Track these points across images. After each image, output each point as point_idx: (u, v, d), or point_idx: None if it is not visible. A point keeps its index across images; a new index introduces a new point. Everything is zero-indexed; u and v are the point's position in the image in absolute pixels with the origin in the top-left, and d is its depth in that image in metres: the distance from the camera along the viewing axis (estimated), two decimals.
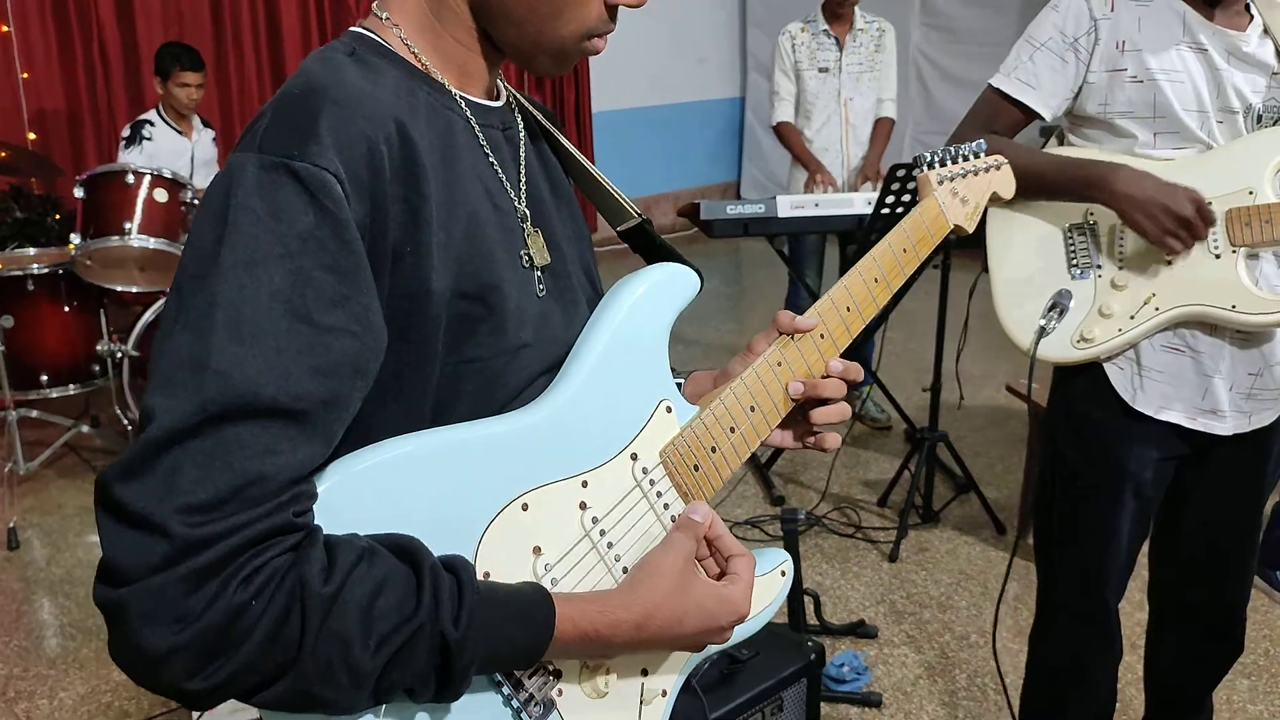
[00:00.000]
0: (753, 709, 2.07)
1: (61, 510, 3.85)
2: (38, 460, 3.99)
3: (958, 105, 7.21)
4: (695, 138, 8.09)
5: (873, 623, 3.06)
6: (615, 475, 0.91)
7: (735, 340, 5.62)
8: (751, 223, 3.61)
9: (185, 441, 0.70)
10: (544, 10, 0.87)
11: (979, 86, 5.12)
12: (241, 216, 0.74)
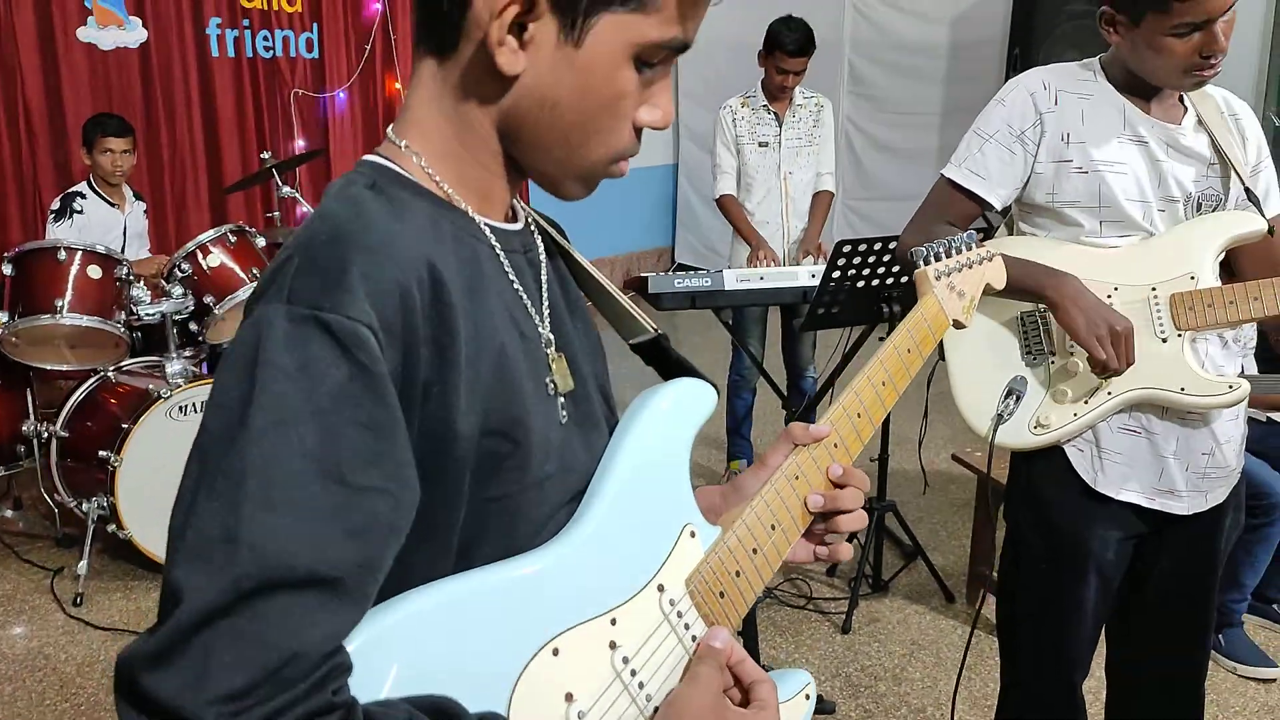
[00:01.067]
0: None
1: None
2: None
3: (887, 172, 7.42)
4: (630, 204, 8.15)
5: (830, 698, 3.05)
6: (643, 610, 0.90)
7: None
8: (699, 296, 3.64)
9: (217, 622, 0.67)
10: (576, 137, 0.86)
11: (906, 154, 5.31)
12: (270, 374, 0.72)
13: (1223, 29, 1.71)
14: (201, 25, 5.75)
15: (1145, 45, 1.75)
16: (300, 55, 6.18)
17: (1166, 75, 1.78)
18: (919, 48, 7.02)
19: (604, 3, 0.81)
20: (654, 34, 0.84)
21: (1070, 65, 1.93)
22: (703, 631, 0.95)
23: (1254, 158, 1.92)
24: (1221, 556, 2.00)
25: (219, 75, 5.85)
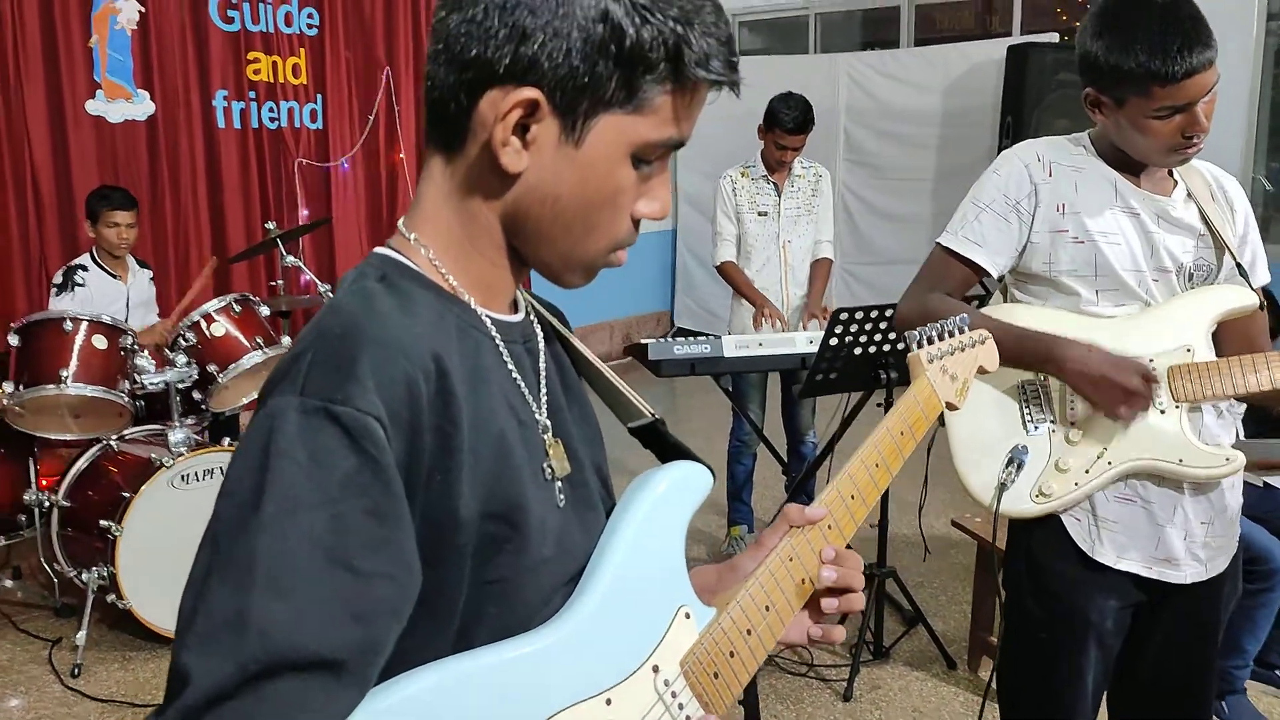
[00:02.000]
0: None
1: None
2: None
3: (883, 237, 7.50)
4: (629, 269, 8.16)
5: None
6: (638, 690, 0.91)
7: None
8: (698, 362, 3.67)
9: (224, 704, 0.69)
10: (577, 230, 0.90)
11: (902, 219, 5.40)
12: (283, 464, 0.75)
13: (1203, 110, 1.75)
14: (208, 97, 5.87)
15: (1129, 126, 1.80)
16: (305, 126, 6.28)
17: (1150, 154, 1.82)
18: (913, 116, 7.13)
19: (603, 105, 0.85)
20: (651, 134, 0.88)
21: (1061, 139, 1.98)
22: (697, 712, 0.96)
23: (1241, 228, 1.96)
24: (1221, 625, 2.01)
25: (225, 146, 5.95)
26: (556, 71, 0.84)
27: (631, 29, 0.83)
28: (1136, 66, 1.73)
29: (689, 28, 0.85)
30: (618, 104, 0.86)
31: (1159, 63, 1.71)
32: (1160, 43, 1.71)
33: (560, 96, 0.85)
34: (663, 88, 0.87)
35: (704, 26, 0.86)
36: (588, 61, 0.84)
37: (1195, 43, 1.71)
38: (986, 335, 1.43)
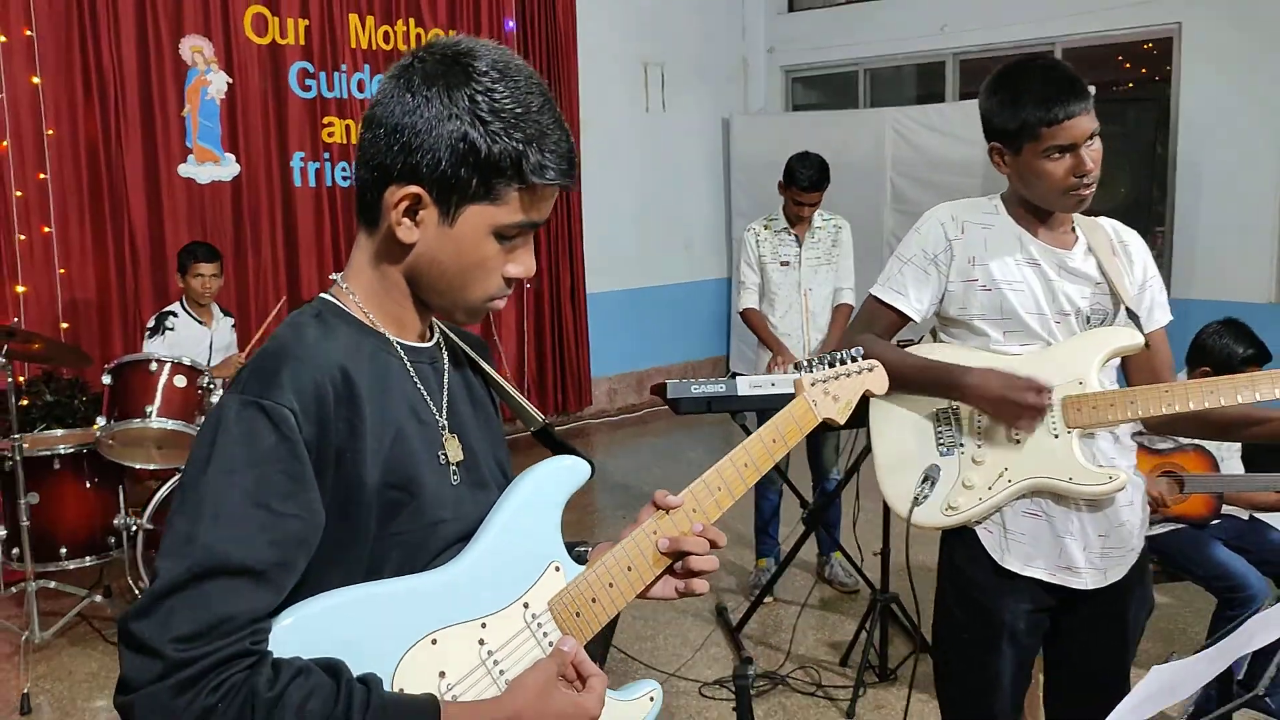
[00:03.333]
0: None
1: (72, 677, 4.09)
2: (51, 630, 4.25)
3: None
4: (687, 317, 8.56)
5: None
6: (509, 619, 1.23)
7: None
8: (714, 400, 3.98)
9: (177, 593, 1.03)
10: (456, 285, 1.24)
11: None
12: (224, 439, 1.09)
13: (1089, 154, 2.04)
14: (286, 159, 6.40)
15: (1027, 170, 2.09)
16: None
17: (1049, 196, 2.11)
18: (955, 166, 7.36)
19: (468, 199, 1.19)
20: (506, 219, 1.21)
21: (977, 199, 2.27)
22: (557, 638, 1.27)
23: (1140, 277, 2.22)
24: (1132, 632, 2.23)
25: (301, 203, 6.47)
26: (431, 174, 1.17)
27: (484, 146, 1.16)
28: (1026, 116, 2.03)
29: (529, 146, 1.18)
30: (479, 198, 1.19)
31: (1043, 110, 2.02)
32: (1043, 95, 2.03)
33: (436, 192, 1.19)
34: (512, 186, 1.19)
35: (545, 145, 1.19)
36: (454, 168, 1.17)
37: (1071, 95, 2.03)
38: (875, 364, 1.70)
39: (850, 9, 8.43)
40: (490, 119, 1.16)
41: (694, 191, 8.56)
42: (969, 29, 7.63)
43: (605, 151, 7.82)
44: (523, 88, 1.19)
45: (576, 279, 7.73)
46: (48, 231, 5.61)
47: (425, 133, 1.16)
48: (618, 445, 7.64)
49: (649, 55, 8.17)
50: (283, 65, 6.33)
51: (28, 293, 5.55)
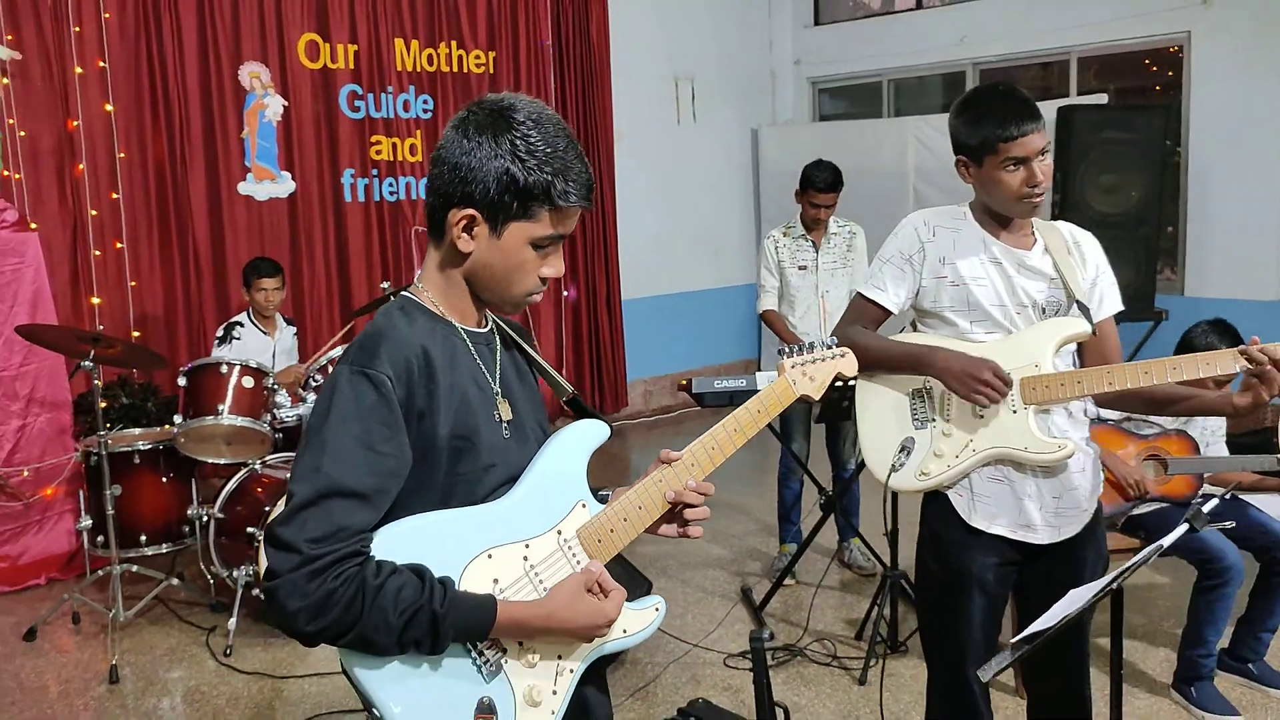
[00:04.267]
0: None
1: (152, 651, 4.50)
2: (134, 610, 4.66)
3: None
4: (717, 320, 8.90)
5: None
6: (546, 542, 1.59)
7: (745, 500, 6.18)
8: (735, 394, 4.32)
9: (309, 508, 1.40)
10: (503, 284, 1.60)
11: None
12: (339, 398, 1.46)
13: (1039, 167, 2.38)
14: (338, 176, 6.83)
15: (987, 180, 2.43)
16: (421, 198, 7.18)
17: (1006, 202, 2.44)
18: None
19: (510, 217, 1.55)
20: (539, 233, 1.57)
21: (948, 207, 2.60)
22: (585, 558, 1.63)
23: (1092, 274, 2.54)
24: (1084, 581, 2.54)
25: (351, 217, 6.89)
26: (483, 200, 1.54)
27: (522, 177, 1.52)
28: (986, 133, 2.37)
29: (557, 177, 1.54)
30: (519, 217, 1.55)
31: (1000, 129, 2.36)
32: (1000, 115, 2.37)
33: (486, 213, 1.55)
34: (544, 208, 1.55)
35: (569, 176, 1.55)
36: (499, 195, 1.53)
37: (1025, 114, 2.37)
38: (847, 351, 2.04)
39: (874, 21, 8.75)
40: (526, 158, 1.52)
41: (724, 200, 8.91)
42: (988, 39, 7.93)
43: (638, 163, 8.19)
44: (551, 133, 1.55)
45: (612, 287, 8.10)
46: (120, 247, 6.06)
47: (477, 169, 1.53)
48: (652, 444, 7.98)
49: (679, 70, 8.54)
50: (334, 88, 6.76)
51: (103, 304, 6.01)
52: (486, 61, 7.40)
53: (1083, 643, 2.60)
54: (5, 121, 5.53)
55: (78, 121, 5.89)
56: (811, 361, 1.98)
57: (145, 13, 6.05)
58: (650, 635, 1.70)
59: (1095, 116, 6.61)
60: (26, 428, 5.33)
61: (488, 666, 1.51)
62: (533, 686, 1.54)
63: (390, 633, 1.41)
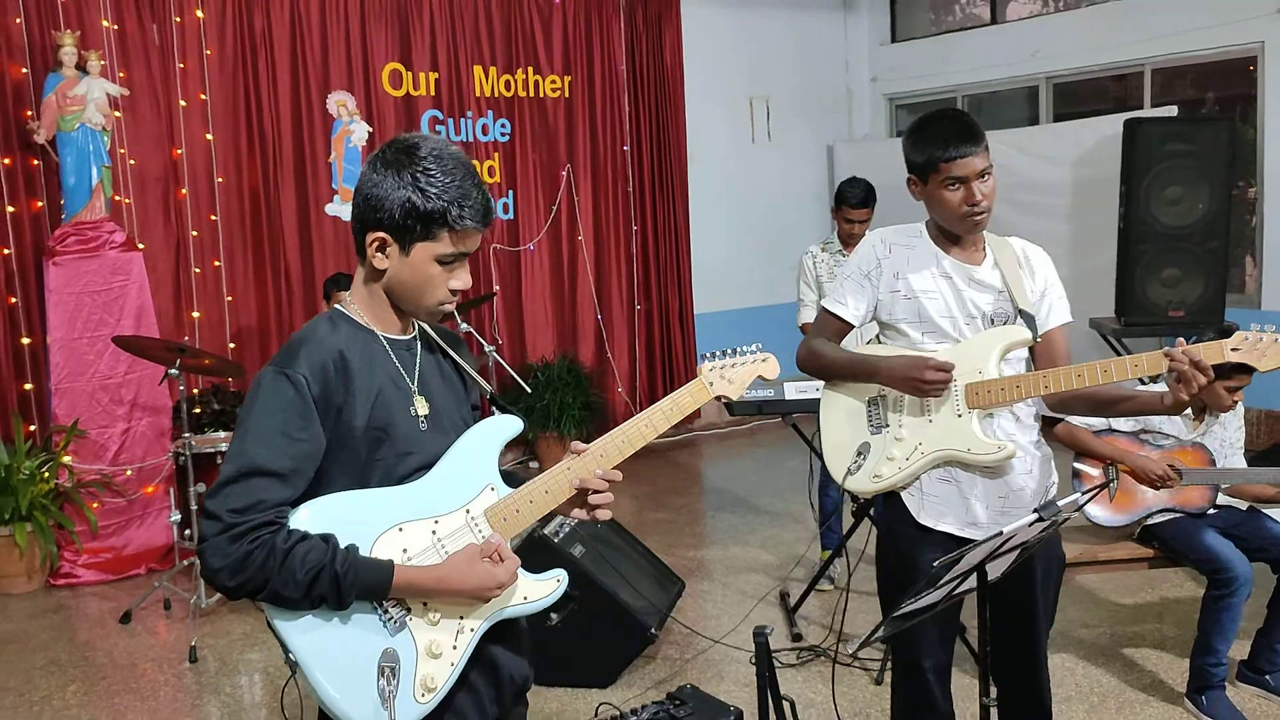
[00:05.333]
0: None
1: (229, 635, 4.90)
2: (214, 598, 5.09)
3: None
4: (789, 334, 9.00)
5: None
6: (454, 519, 1.84)
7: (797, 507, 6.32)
8: (765, 403, 4.52)
9: (231, 484, 1.68)
10: (414, 296, 1.86)
11: None
12: (263, 393, 1.74)
13: (980, 188, 2.53)
14: None
15: (932, 198, 2.60)
16: (499, 217, 7.55)
17: (949, 219, 2.60)
18: (1046, 187, 7.65)
19: (415, 238, 1.81)
20: (442, 250, 1.83)
21: (905, 226, 2.77)
22: (491, 534, 1.87)
23: (1041, 286, 2.68)
24: (1036, 583, 2.68)
25: None
26: (390, 225, 1.80)
27: (422, 204, 1.78)
28: (930, 154, 2.54)
29: (452, 204, 1.79)
30: (422, 238, 1.81)
31: (942, 150, 2.53)
32: (943, 136, 2.54)
33: (395, 235, 1.81)
34: (443, 229, 1.81)
35: (465, 202, 1.80)
36: (404, 220, 1.79)
37: (967, 138, 2.53)
38: (768, 356, 2.24)
39: (949, 37, 8.80)
40: (426, 188, 1.78)
41: (798, 216, 9.04)
42: (1060, 54, 7.92)
43: (711, 181, 8.42)
44: (449, 166, 1.81)
45: (684, 301, 8.34)
46: (218, 265, 6.57)
47: (385, 198, 1.80)
48: (723, 455, 8.18)
49: (754, 90, 8.74)
50: (415, 114, 7.18)
51: (202, 317, 6.52)
52: (562, 86, 7.73)
53: (1037, 644, 2.73)
54: (117, 151, 6.07)
55: (181, 150, 6.41)
56: (731, 365, 2.18)
57: (243, 48, 6.56)
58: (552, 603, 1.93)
59: (1161, 129, 6.57)
60: (130, 430, 5.85)
61: (392, 623, 1.77)
62: (434, 641, 1.78)
63: (298, 588, 1.67)
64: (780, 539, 5.87)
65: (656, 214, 8.17)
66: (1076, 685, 4.03)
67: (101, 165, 5.77)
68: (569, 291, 7.89)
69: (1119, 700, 3.88)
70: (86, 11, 6.01)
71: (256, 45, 6.60)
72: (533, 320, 7.73)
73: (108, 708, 4.25)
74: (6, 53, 5.85)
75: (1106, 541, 4.00)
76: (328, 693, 1.73)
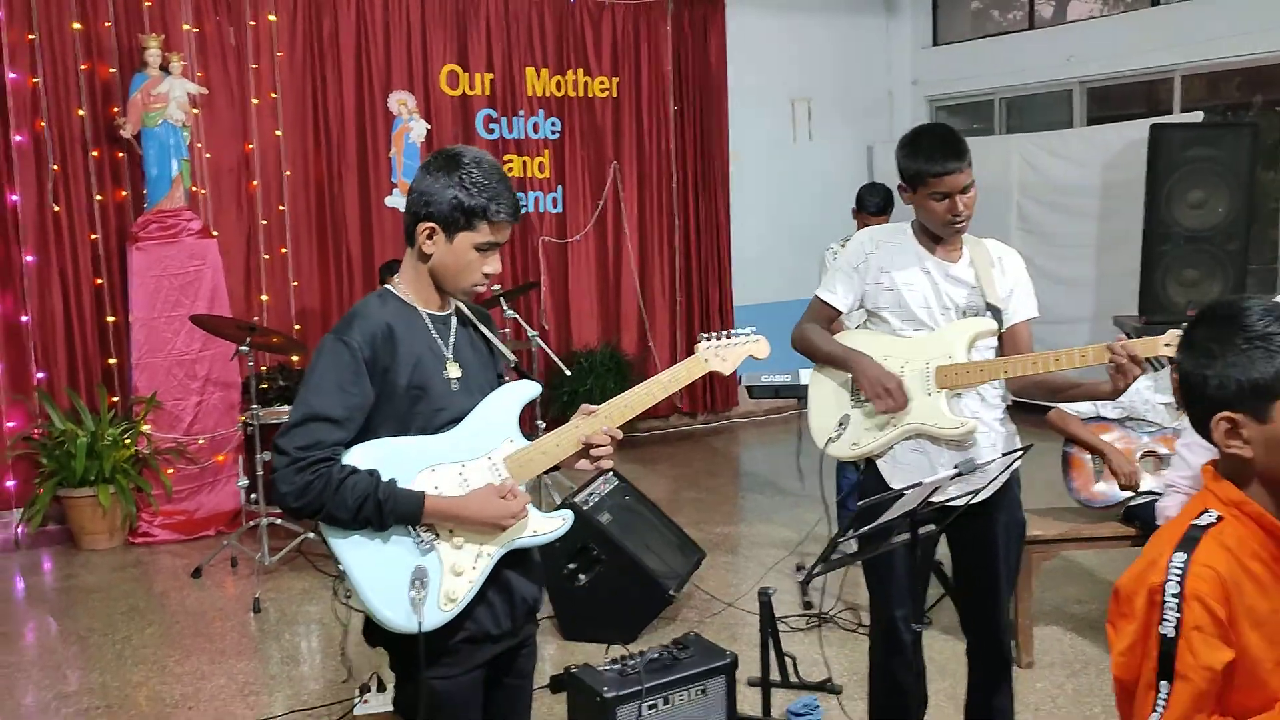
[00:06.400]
0: (684, 685, 3.23)
1: (290, 590, 5.37)
2: (277, 556, 5.56)
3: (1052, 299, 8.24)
4: None
5: (839, 684, 4.09)
6: (479, 464, 2.24)
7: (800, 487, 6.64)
8: (781, 388, 4.88)
9: (296, 428, 2.09)
10: (453, 277, 2.25)
11: (1069, 281, 6.83)
12: (324, 354, 2.15)
13: (962, 200, 2.86)
14: None
15: (920, 206, 2.94)
16: (548, 211, 7.97)
17: (935, 225, 2.94)
18: (1076, 189, 7.89)
19: (458, 229, 2.20)
20: (479, 240, 2.22)
21: (893, 224, 3.12)
22: (508, 478, 2.26)
23: (1011, 284, 3.01)
24: (999, 546, 3.01)
25: None
26: (438, 217, 2.19)
27: (465, 199, 2.17)
28: (919, 167, 2.88)
29: (491, 201, 2.18)
30: (464, 228, 2.20)
31: (929, 165, 2.86)
32: (931, 153, 2.87)
33: (442, 225, 2.20)
34: (483, 222, 2.20)
35: (499, 200, 2.19)
36: (451, 213, 2.18)
37: (952, 155, 2.86)
38: (760, 338, 2.60)
39: (988, 41, 9.05)
40: (470, 187, 2.18)
41: (838, 214, 9.25)
42: (1093, 59, 8.14)
43: (753, 179, 8.76)
44: (488, 170, 2.20)
45: (724, 294, 8.69)
46: (284, 252, 7.06)
47: (436, 194, 2.19)
48: (758, 442, 8.53)
49: (796, 92, 9.06)
50: (471, 112, 7.61)
51: (269, 300, 7.01)
52: (610, 86, 8.11)
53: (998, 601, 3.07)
54: (195, 145, 6.57)
55: (253, 145, 6.90)
56: (726, 345, 2.54)
57: (312, 51, 7.03)
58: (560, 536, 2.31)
59: (1184, 135, 6.80)
60: (203, 403, 6.36)
61: (423, 544, 2.16)
62: (457, 561, 2.18)
63: (348, 511, 2.08)
64: (803, 518, 6.21)
65: (699, 210, 8.53)
66: (1062, 653, 4.34)
67: (181, 158, 6.27)
68: (613, 282, 8.29)
69: (1099, 667, 4.18)
70: (169, 16, 6.52)
71: (324, 47, 7.07)
72: (578, 309, 8.14)
73: (179, 649, 4.73)
74: (97, 54, 6.38)
75: (1092, 521, 4.30)
76: (369, 598, 2.14)
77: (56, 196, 6.34)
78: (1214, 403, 1.53)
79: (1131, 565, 1.60)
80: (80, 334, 6.44)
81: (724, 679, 3.34)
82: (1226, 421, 1.52)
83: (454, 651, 2.22)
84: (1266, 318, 1.48)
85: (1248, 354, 1.48)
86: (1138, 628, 1.52)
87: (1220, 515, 1.54)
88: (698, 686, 3.28)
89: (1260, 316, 1.48)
